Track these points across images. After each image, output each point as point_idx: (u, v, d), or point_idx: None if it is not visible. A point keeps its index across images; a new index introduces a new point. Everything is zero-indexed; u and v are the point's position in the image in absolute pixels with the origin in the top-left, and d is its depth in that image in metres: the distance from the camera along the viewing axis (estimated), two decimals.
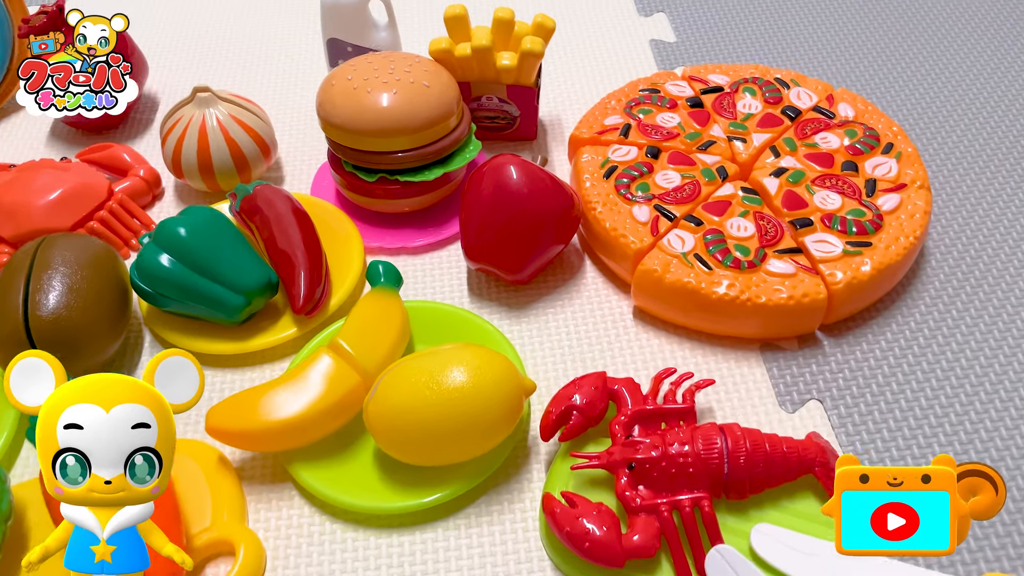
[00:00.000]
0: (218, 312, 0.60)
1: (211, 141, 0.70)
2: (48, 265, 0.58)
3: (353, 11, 0.77)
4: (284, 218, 0.65)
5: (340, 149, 0.68)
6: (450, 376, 0.51)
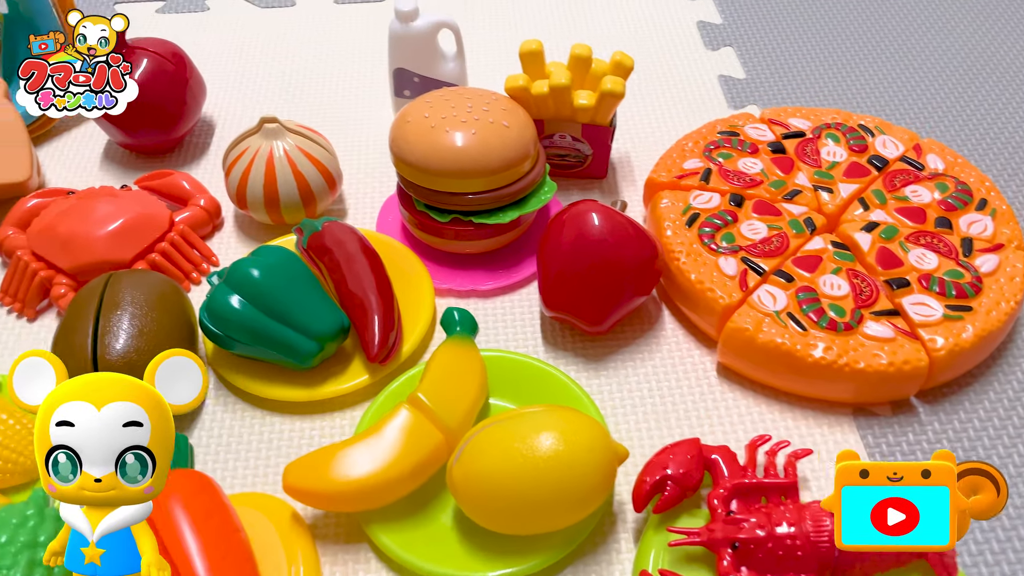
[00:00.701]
0: (290, 358, 0.58)
1: (278, 174, 0.68)
2: (117, 305, 0.56)
3: (423, 41, 0.75)
4: (355, 258, 0.63)
5: (413, 187, 0.66)
6: (542, 443, 0.48)
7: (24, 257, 0.66)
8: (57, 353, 0.55)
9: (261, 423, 0.59)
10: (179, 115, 0.77)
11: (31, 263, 0.66)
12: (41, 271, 0.66)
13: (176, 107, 0.76)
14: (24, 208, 0.70)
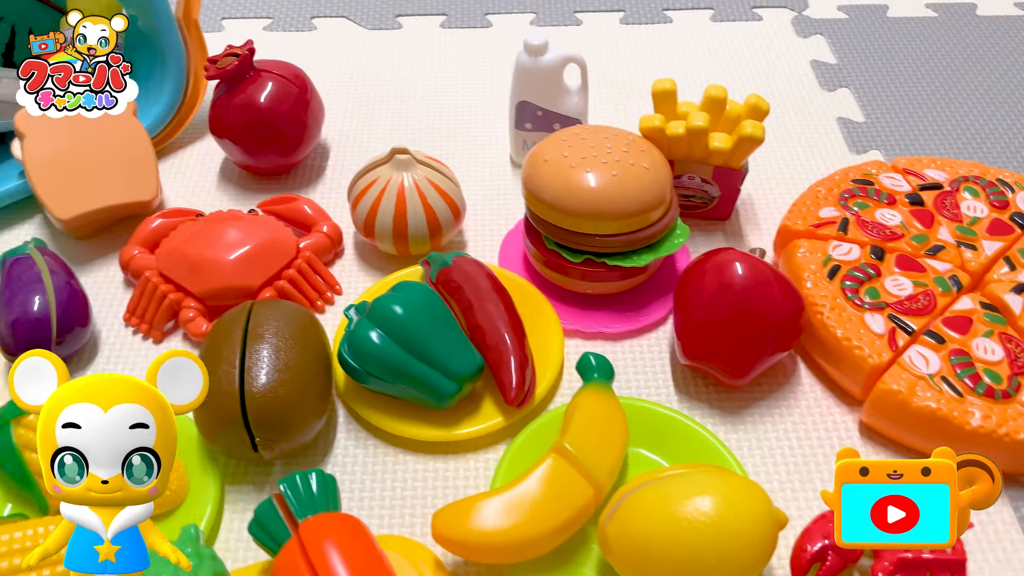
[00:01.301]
0: (428, 397, 0.57)
1: (408, 206, 0.67)
2: (261, 336, 0.56)
3: (549, 75, 0.75)
4: (487, 296, 0.62)
5: (545, 225, 0.65)
6: (704, 507, 0.47)
7: (153, 279, 0.67)
8: None
9: (394, 461, 0.59)
10: (300, 138, 0.77)
11: (160, 285, 0.66)
12: (170, 294, 0.66)
13: (298, 130, 0.76)
14: (150, 228, 0.71)
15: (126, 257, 0.69)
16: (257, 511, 0.49)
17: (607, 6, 1.02)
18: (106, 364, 0.64)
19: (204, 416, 0.55)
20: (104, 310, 0.69)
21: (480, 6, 1.02)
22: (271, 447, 0.55)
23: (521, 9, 1.02)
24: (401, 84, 0.91)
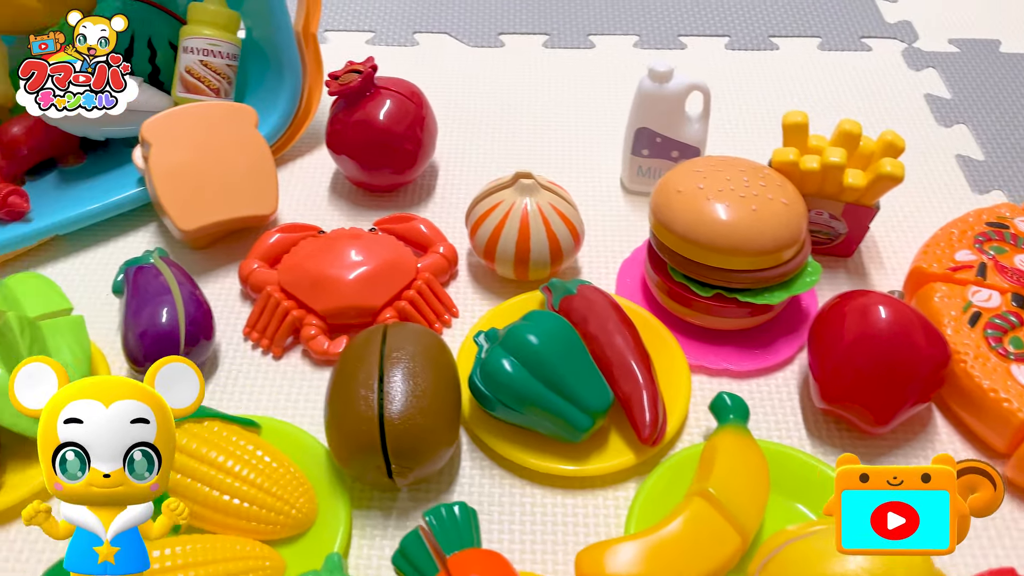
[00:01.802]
0: (561, 430, 0.56)
1: (532, 231, 0.66)
2: (398, 361, 0.55)
3: (672, 102, 0.73)
4: (614, 328, 0.61)
5: (673, 256, 0.64)
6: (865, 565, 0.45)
7: (275, 294, 0.66)
8: (338, 404, 0.55)
9: (521, 493, 0.57)
10: (416, 157, 0.76)
11: (282, 301, 0.66)
12: (292, 310, 0.65)
13: (414, 149, 0.76)
14: (269, 242, 0.70)
15: (246, 271, 0.69)
16: (403, 543, 0.48)
17: (712, 30, 1.01)
18: (227, 378, 0.64)
19: (341, 440, 0.54)
20: (221, 323, 0.68)
21: (583, 27, 1.01)
22: (405, 474, 0.54)
23: (624, 31, 1.01)
24: (504, 103, 0.91)
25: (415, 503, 0.57)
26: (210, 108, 0.72)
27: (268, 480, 0.54)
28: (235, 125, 0.72)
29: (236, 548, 0.51)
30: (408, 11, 1.04)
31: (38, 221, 0.72)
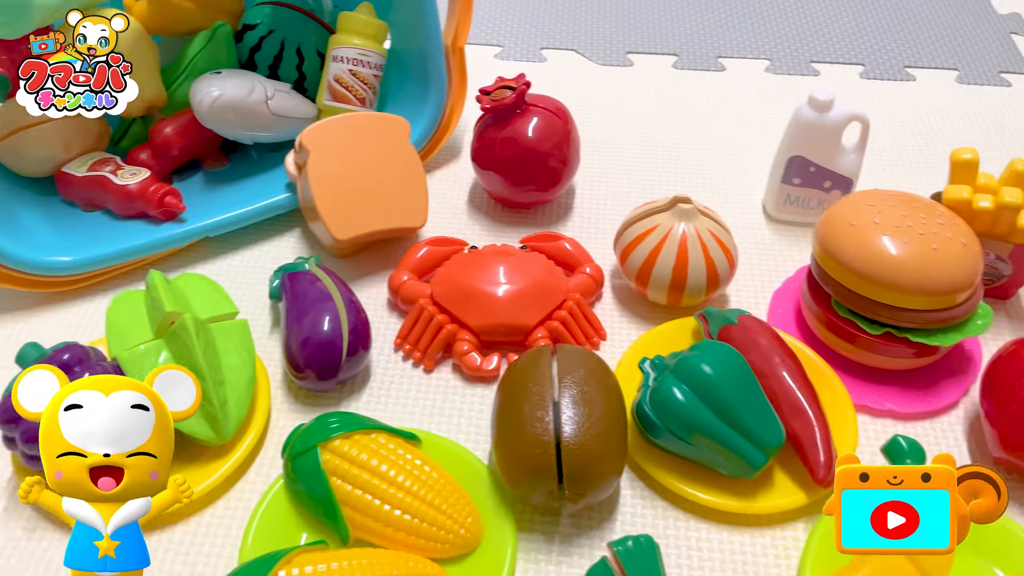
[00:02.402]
0: (732, 464, 0.55)
1: (690, 257, 0.65)
2: (571, 385, 0.54)
3: (830, 133, 0.72)
4: (780, 363, 0.59)
5: (840, 290, 0.62)
6: None
7: (428, 308, 0.66)
8: (509, 425, 0.54)
9: (686, 527, 0.56)
10: (560, 174, 0.76)
11: (436, 315, 0.66)
12: (446, 324, 0.65)
13: (560, 166, 0.75)
14: (418, 255, 0.70)
15: (396, 282, 0.69)
16: (590, 572, 0.47)
17: (846, 58, 0.99)
18: (380, 389, 0.64)
19: (513, 461, 0.54)
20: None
21: (712, 49, 1.00)
22: (577, 500, 0.53)
23: (755, 55, 0.99)
24: (634, 123, 0.90)
25: (578, 529, 0.56)
26: (365, 118, 0.73)
27: (437, 496, 0.54)
28: (389, 136, 0.72)
29: (409, 565, 0.51)
30: (537, 27, 1.04)
31: (191, 222, 0.73)
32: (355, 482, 0.53)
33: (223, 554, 0.54)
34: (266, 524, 0.54)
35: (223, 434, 0.57)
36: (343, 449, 0.54)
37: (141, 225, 0.73)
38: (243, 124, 0.75)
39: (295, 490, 0.55)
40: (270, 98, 0.76)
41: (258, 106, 0.75)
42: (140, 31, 0.75)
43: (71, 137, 0.75)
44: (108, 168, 0.74)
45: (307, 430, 0.56)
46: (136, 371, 0.56)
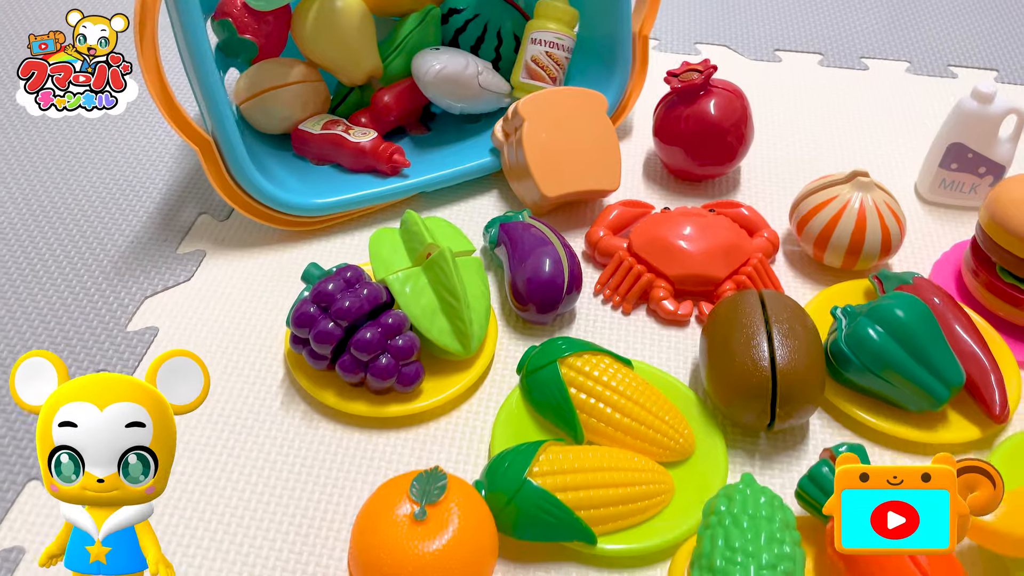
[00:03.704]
0: (919, 399, 0.63)
1: (868, 224, 0.73)
2: (781, 321, 0.63)
3: (990, 122, 0.80)
4: (954, 316, 0.67)
5: (1005, 256, 0.69)
6: None
7: (627, 258, 0.75)
8: (724, 354, 0.63)
9: (870, 452, 0.64)
10: (736, 150, 0.84)
11: (634, 265, 0.75)
12: (644, 273, 0.74)
13: (738, 143, 0.84)
14: (613, 214, 0.79)
15: (595, 237, 0.78)
16: (813, 471, 0.55)
17: (983, 63, 1.06)
18: (585, 327, 0.73)
19: (729, 384, 0.62)
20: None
21: (856, 49, 1.08)
22: (786, 419, 0.61)
23: (896, 56, 1.07)
24: (784, 113, 0.98)
25: (775, 449, 0.64)
26: (571, 92, 0.82)
27: (656, 406, 0.62)
28: (590, 109, 0.82)
29: (635, 460, 0.60)
30: (689, 22, 1.13)
31: (412, 178, 0.83)
32: (589, 392, 0.62)
33: (471, 448, 0.64)
34: (507, 426, 0.64)
35: (470, 349, 0.66)
36: (577, 365, 0.63)
37: (368, 178, 0.83)
38: (456, 95, 0.85)
39: (535, 400, 0.64)
40: (480, 73, 0.86)
41: (471, 80, 0.85)
42: (364, 10, 0.85)
43: (307, 99, 0.85)
44: (340, 128, 0.84)
45: (542, 349, 0.65)
46: (401, 290, 0.65)
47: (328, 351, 0.63)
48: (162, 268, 0.77)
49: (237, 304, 0.74)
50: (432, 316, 0.66)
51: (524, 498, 0.55)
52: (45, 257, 0.78)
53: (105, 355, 0.69)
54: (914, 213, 0.85)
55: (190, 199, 0.85)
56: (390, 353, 0.63)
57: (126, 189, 0.86)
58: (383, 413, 0.64)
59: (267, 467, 0.62)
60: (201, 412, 0.65)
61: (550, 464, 0.57)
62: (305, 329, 0.63)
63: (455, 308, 0.65)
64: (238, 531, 0.58)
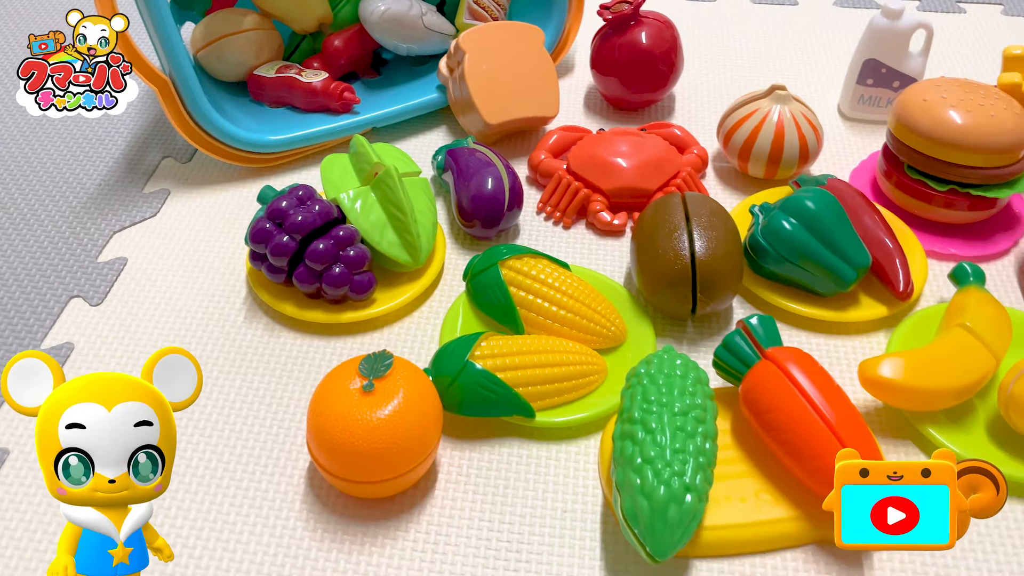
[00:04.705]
0: (830, 280, 0.68)
1: (786, 134, 0.79)
2: (700, 216, 0.68)
3: (901, 37, 0.85)
4: (863, 209, 0.73)
5: (913, 156, 0.75)
6: None
7: (565, 176, 0.80)
8: (650, 248, 0.68)
9: (789, 335, 0.70)
10: (668, 77, 0.90)
11: (572, 182, 0.80)
12: (581, 189, 0.80)
13: (669, 70, 0.89)
14: (553, 139, 0.85)
15: (536, 160, 0.83)
16: (727, 339, 0.61)
17: None
18: (527, 241, 0.78)
19: (654, 275, 0.67)
20: None
21: None
22: (706, 304, 0.67)
23: None
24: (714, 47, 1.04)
25: (700, 335, 0.70)
26: (509, 26, 0.87)
27: (591, 300, 0.68)
28: (528, 41, 0.87)
29: (571, 345, 0.65)
30: None
31: (362, 114, 0.88)
32: (528, 289, 0.68)
33: (423, 348, 0.69)
34: (453, 326, 0.69)
35: (418, 259, 0.71)
36: (517, 266, 0.69)
37: (321, 116, 0.88)
38: (402, 36, 0.90)
39: (479, 301, 0.69)
40: (424, 15, 0.90)
41: (415, 20, 0.90)
42: None
43: (261, 45, 0.90)
44: (292, 71, 0.89)
45: (485, 254, 0.70)
46: (351, 207, 0.70)
47: (284, 263, 0.68)
48: (129, 206, 0.82)
49: (201, 235, 0.79)
50: (381, 230, 0.71)
51: (467, 377, 0.60)
52: (19, 203, 0.83)
53: (79, 283, 0.74)
54: (836, 128, 0.91)
55: (155, 144, 0.90)
56: (343, 263, 0.68)
57: (93, 140, 0.90)
58: (339, 319, 0.69)
59: (233, 373, 0.67)
60: (170, 332, 0.70)
61: (491, 349, 0.62)
62: (262, 244, 0.68)
63: (402, 222, 0.71)
64: (213, 433, 0.63)
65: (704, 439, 0.54)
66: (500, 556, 0.56)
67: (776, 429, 0.56)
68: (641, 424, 0.54)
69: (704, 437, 0.54)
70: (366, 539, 0.57)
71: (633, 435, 0.54)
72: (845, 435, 0.54)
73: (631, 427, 0.54)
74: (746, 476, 0.58)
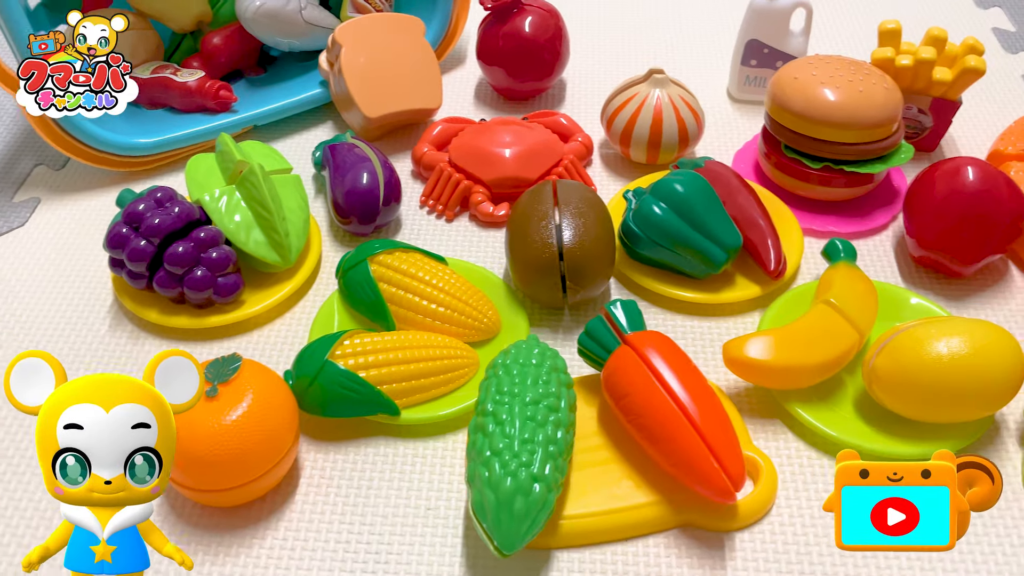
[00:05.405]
0: (701, 263, 0.68)
1: (664, 118, 0.79)
2: (568, 204, 0.67)
3: (781, 17, 0.85)
4: (738, 190, 0.73)
5: (787, 134, 0.75)
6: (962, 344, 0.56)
7: (446, 168, 0.79)
8: (520, 237, 0.67)
9: (663, 318, 0.69)
10: (553, 65, 0.89)
11: (454, 174, 0.79)
12: (463, 181, 0.78)
13: (554, 58, 0.88)
14: (436, 130, 0.83)
15: (419, 152, 0.82)
16: (589, 326, 0.60)
17: None
18: (409, 236, 0.77)
19: (525, 264, 0.66)
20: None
21: None
22: (577, 291, 0.66)
23: None
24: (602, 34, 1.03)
25: (576, 323, 0.69)
26: (387, 18, 0.86)
27: (464, 293, 0.67)
28: (408, 32, 0.85)
29: (441, 339, 0.64)
30: None
31: (241, 112, 0.86)
32: (398, 284, 0.66)
33: (294, 351, 0.67)
34: (323, 326, 0.67)
35: (288, 259, 0.70)
36: (387, 261, 0.67)
37: (200, 116, 0.86)
38: (281, 31, 0.88)
39: (350, 297, 0.68)
40: (303, 8, 0.88)
41: (293, 15, 0.87)
42: None
43: (136, 46, 0.87)
44: (168, 71, 0.86)
45: (356, 250, 0.69)
46: (215, 208, 0.68)
47: (143, 268, 0.66)
48: None
49: (69, 243, 0.76)
50: (248, 230, 0.69)
51: (326, 377, 0.59)
52: None
53: None
54: (724, 110, 0.91)
55: (26, 152, 0.87)
56: (205, 266, 0.66)
57: None
58: (204, 324, 0.67)
59: None
60: (31, 344, 0.68)
61: (352, 347, 0.61)
62: (119, 249, 0.66)
63: (269, 220, 0.69)
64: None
65: (556, 428, 0.53)
66: (358, 558, 0.55)
67: (633, 414, 0.56)
68: (492, 416, 0.53)
69: (556, 426, 0.53)
70: (220, 549, 0.55)
71: (484, 428, 0.53)
72: (699, 418, 0.53)
73: (483, 420, 0.53)
74: (611, 463, 0.58)
